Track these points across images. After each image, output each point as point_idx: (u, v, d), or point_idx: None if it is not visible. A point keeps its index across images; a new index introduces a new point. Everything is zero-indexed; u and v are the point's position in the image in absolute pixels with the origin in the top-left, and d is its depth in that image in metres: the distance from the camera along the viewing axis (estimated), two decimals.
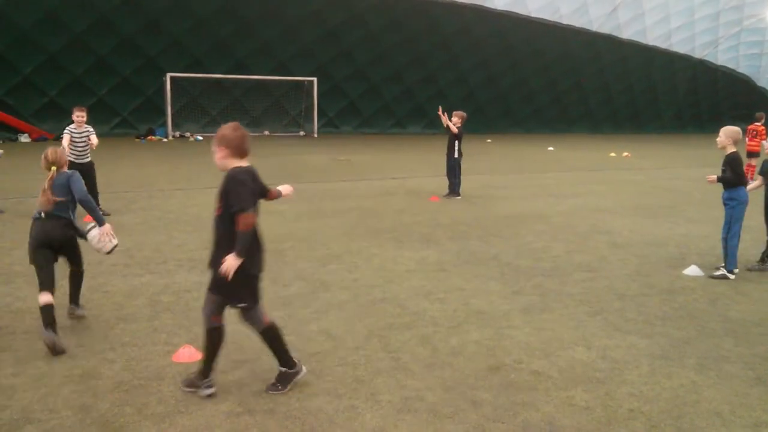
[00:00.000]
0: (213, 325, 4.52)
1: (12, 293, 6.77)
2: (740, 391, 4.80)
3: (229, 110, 34.44)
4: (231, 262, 4.28)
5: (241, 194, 4.34)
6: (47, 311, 5.19)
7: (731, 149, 7.89)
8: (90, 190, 7.07)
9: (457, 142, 13.93)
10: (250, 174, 4.53)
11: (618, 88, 45.22)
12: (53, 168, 5.57)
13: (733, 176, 7.80)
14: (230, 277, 4.28)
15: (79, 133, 11.10)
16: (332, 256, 8.68)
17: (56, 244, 5.51)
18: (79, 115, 11.20)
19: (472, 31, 36.82)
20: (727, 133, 7.89)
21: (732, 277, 7.80)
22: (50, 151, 5.67)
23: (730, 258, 7.88)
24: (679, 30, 42.11)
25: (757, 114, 19.14)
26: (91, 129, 11.27)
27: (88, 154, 11.22)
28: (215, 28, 31.44)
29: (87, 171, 10.32)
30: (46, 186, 5.45)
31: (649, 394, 4.73)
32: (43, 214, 5.44)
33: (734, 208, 7.82)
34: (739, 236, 7.94)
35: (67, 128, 11.18)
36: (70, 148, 10.85)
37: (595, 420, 4.33)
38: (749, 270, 8.21)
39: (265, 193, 4.79)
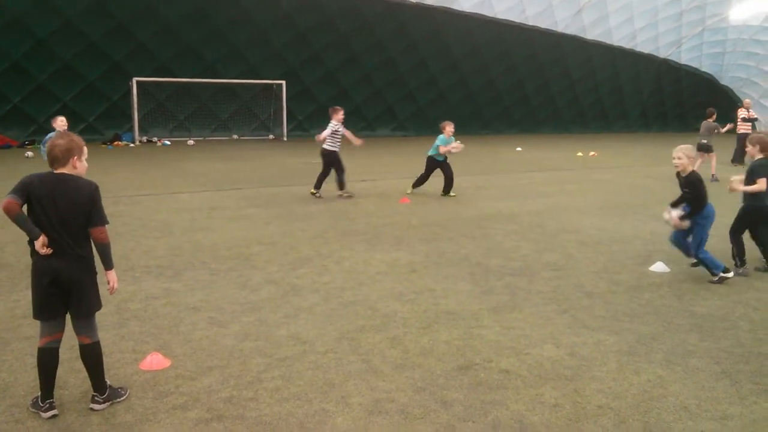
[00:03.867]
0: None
1: None
2: (706, 385, 4.88)
3: (196, 114, 34.14)
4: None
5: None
6: None
7: (690, 168, 7.65)
8: None
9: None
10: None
11: (584, 88, 45.68)
12: None
13: (697, 198, 7.54)
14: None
15: None
16: (302, 259, 8.65)
17: None
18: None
19: (440, 33, 36.94)
20: (687, 152, 7.57)
21: (730, 274, 7.65)
22: None
23: (711, 266, 7.64)
24: (643, 30, 42.69)
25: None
26: None
27: None
28: (183, 33, 31.12)
29: None
30: None
31: (617, 389, 4.78)
32: None
33: (705, 226, 7.58)
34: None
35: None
36: None
37: (564, 417, 4.37)
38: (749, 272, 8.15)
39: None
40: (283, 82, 34.25)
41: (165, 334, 5.83)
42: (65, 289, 4.33)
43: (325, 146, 14.33)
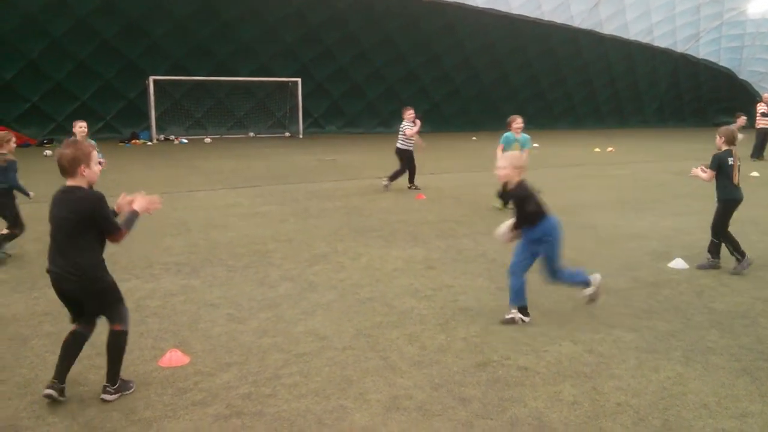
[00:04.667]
0: None
1: None
2: (726, 382, 4.84)
3: (213, 112, 34.30)
4: None
5: None
6: None
7: (517, 179, 6.07)
8: None
9: None
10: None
11: (600, 83, 45.42)
12: None
13: (524, 215, 6.05)
14: None
15: None
16: (319, 256, 8.67)
17: None
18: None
19: (454, 28, 36.85)
20: (513, 162, 6.09)
21: (527, 319, 6.14)
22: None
23: (579, 281, 6.33)
24: (660, 24, 42.37)
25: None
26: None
27: None
28: (195, 30, 31.28)
29: None
30: None
31: (636, 387, 4.75)
32: None
33: (552, 244, 6.11)
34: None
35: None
36: None
37: (583, 414, 4.35)
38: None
39: None
40: (299, 80, 34.32)
41: (184, 331, 5.87)
42: (72, 299, 4.54)
43: (397, 145, 14.91)
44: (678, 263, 8.19)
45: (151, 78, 30.60)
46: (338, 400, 4.56)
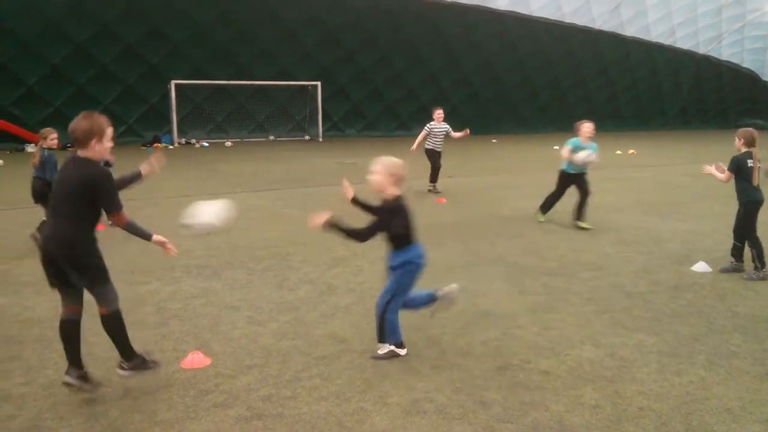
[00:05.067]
0: None
1: (20, 303, 6.80)
2: (750, 386, 4.78)
3: (233, 116, 34.51)
4: None
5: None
6: None
7: (392, 191, 5.39)
8: None
9: None
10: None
11: (622, 85, 45.15)
12: None
13: (396, 234, 5.28)
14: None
15: None
16: (337, 259, 8.69)
17: None
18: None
19: (474, 31, 36.81)
20: (388, 167, 5.39)
21: (403, 351, 5.37)
22: None
23: (386, 332, 5.32)
24: (682, 26, 42.04)
25: None
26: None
27: None
28: (216, 35, 31.52)
29: None
30: None
31: (659, 391, 4.71)
32: None
33: (413, 273, 5.28)
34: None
35: None
36: None
37: (604, 418, 4.32)
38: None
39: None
40: (318, 83, 34.44)
41: (205, 333, 5.91)
42: (57, 265, 4.46)
43: (429, 146, 15.05)
44: (701, 266, 8.11)
45: (173, 82, 30.87)
46: (358, 402, 4.56)
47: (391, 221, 5.21)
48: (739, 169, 7.75)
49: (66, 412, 4.43)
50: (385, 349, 5.34)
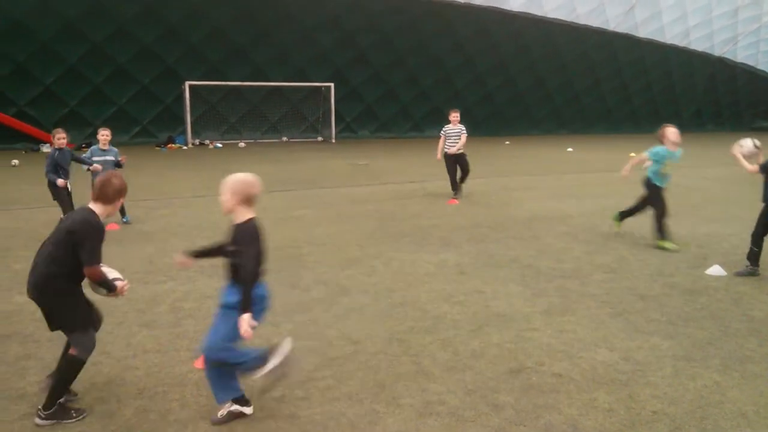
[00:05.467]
0: None
1: None
2: (765, 391, 4.75)
3: (247, 117, 34.65)
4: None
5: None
6: None
7: (244, 215, 4.29)
8: None
9: None
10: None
11: (636, 87, 44.93)
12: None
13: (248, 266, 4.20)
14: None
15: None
16: (351, 260, 8.70)
17: None
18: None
19: (488, 32, 36.76)
20: (235, 187, 4.24)
21: (249, 410, 4.42)
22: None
23: (218, 389, 4.37)
24: (697, 28, 41.78)
25: None
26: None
27: None
28: (231, 36, 31.65)
29: None
30: None
31: (673, 395, 4.69)
32: None
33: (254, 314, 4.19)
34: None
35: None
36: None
37: (618, 422, 4.31)
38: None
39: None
40: (332, 85, 34.51)
41: None
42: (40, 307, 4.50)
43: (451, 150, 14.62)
44: (716, 270, 8.06)
45: (187, 83, 31.03)
46: (371, 404, 4.57)
47: (249, 250, 4.23)
48: None
49: (80, 410, 4.45)
50: (226, 407, 4.38)
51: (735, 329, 6.07)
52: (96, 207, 4.43)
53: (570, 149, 28.97)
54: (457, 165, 14.51)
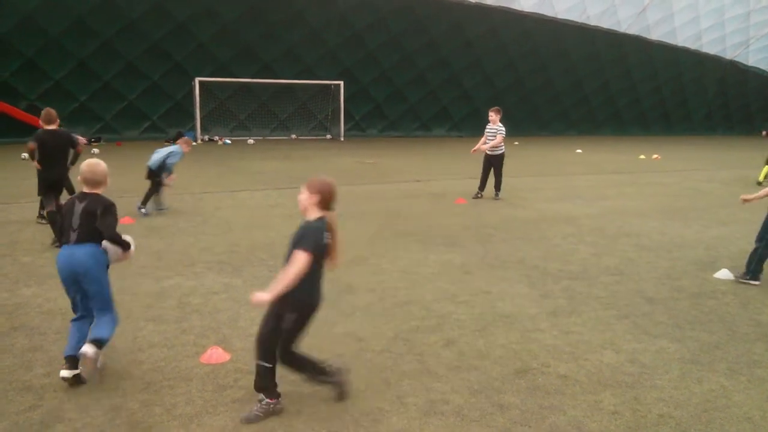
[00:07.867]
0: None
1: (43, 294, 6.88)
2: None
3: (256, 114, 34.68)
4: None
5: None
6: None
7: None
8: None
9: None
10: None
11: (646, 89, 44.76)
12: None
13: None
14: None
15: None
16: (357, 258, 8.70)
17: None
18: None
19: (498, 32, 36.68)
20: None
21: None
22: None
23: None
24: (709, 31, 41.60)
25: None
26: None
27: None
28: (241, 33, 31.68)
29: None
30: None
31: (679, 398, 4.67)
32: None
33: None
34: None
35: None
36: None
37: (623, 425, 4.29)
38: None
39: None
40: (341, 83, 34.52)
41: (225, 329, 5.94)
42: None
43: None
44: (724, 273, 8.03)
45: (197, 79, 31.09)
46: (375, 402, 4.57)
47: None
48: None
49: (86, 403, 4.47)
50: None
51: (742, 333, 6.04)
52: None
53: (579, 150, 28.89)
54: (491, 167, 14.46)
